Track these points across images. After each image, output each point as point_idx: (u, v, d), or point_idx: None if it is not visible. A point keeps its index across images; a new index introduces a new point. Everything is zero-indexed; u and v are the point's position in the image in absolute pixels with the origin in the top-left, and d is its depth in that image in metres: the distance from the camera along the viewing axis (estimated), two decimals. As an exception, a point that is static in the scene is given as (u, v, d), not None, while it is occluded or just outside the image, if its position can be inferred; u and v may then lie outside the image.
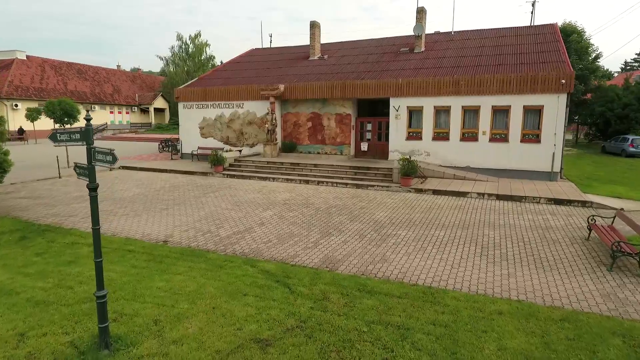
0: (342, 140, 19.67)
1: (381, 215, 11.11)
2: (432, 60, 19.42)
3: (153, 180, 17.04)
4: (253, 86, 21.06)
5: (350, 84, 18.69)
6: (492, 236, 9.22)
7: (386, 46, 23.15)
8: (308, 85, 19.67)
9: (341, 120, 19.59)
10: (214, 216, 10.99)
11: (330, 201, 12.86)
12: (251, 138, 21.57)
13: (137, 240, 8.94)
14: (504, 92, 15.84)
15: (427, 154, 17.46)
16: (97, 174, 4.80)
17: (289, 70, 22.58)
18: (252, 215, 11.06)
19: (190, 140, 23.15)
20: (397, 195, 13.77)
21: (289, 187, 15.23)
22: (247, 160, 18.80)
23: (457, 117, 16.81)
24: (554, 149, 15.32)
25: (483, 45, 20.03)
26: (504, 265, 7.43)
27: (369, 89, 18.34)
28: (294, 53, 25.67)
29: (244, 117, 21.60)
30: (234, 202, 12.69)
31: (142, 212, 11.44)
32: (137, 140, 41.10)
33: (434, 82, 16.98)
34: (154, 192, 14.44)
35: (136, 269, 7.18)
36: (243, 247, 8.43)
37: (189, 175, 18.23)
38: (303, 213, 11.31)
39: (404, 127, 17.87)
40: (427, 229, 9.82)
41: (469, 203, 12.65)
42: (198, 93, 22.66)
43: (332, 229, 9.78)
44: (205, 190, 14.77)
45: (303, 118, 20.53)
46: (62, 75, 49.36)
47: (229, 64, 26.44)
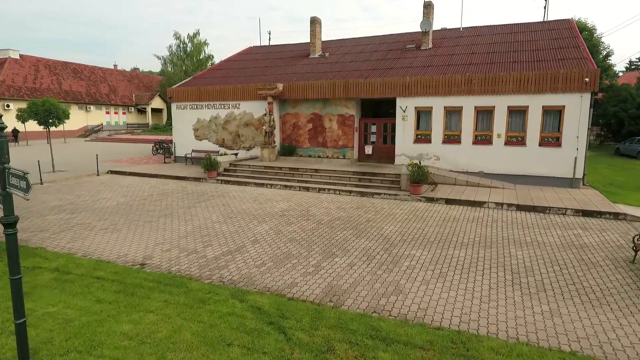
0: (345, 143, 18.43)
1: (390, 229, 9.88)
2: (441, 58, 18.18)
3: (141, 186, 15.82)
4: (250, 85, 19.84)
5: (354, 83, 17.46)
6: (521, 257, 7.99)
7: (391, 43, 21.92)
8: (308, 85, 18.44)
9: (344, 122, 18.35)
10: (203, 231, 9.77)
11: (332, 212, 11.63)
12: (248, 140, 20.35)
13: (110, 263, 7.72)
14: (521, 91, 14.60)
15: (437, 158, 16.22)
16: (82, 178, 3.55)
17: (289, 69, 21.36)
18: (245, 230, 9.83)
19: (184, 143, 21.93)
20: (406, 204, 12.53)
21: (288, 195, 14.00)
22: (243, 165, 17.58)
23: (469, 119, 15.57)
24: (576, 154, 14.08)
25: (495, 41, 18.78)
26: (543, 298, 6.20)
27: (373, 88, 17.11)
28: (294, 51, 24.45)
29: (241, 118, 20.38)
30: (227, 214, 11.46)
31: (122, 226, 10.21)
32: (132, 141, 39.91)
33: (444, 81, 15.74)
34: (139, 201, 13.22)
35: (101, 305, 5.95)
36: (232, 273, 7.20)
37: (180, 181, 17.00)
38: (303, 227, 10.08)
39: (411, 129, 16.63)
40: (444, 247, 8.59)
41: (486, 214, 11.41)
42: (192, 93, 21.44)
43: (335, 247, 8.56)
44: (196, 198, 13.55)
45: (303, 119, 19.30)
46: (57, 75, 48.18)
47: (225, 63, 25.22)
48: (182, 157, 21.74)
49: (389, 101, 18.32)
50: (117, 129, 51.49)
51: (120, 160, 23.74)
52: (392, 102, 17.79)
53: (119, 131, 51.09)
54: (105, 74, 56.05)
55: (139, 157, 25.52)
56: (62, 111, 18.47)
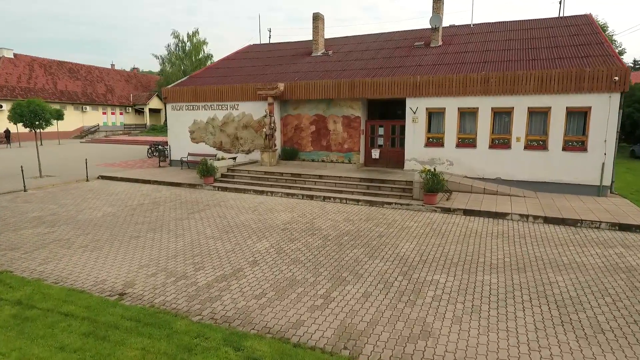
0: (351, 147, 17.31)
1: (406, 247, 8.76)
2: (453, 55, 17.06)
3: (132, 194, 14.70)
4: (249, 85, 18.73)
5: (360, 83, 16.33)
6: (563, 284, 6.86)
7: (398, 40, 20.79)
8: (311, 84, 17.32)
9: (349, 124, 17.23)
10: (195, 249, 8.65)
11: (340, 225, 10.51)
12: (247, 143, 19.23)
13: (85, 292, 6.60)
14: (543, 91, 13.47)
15: (450, 163, 15.10)
16: (70, 185, 2.44)
17: (290, 68, 20.23)
18: (243, 248, 8.72)
19: (179, 145, 20.81)
20: (420, 216, 11.41)
21: (290, 204, 12.89)
22: (242, 170, 16.46)
23: (485, 121, 14.45)
24: (603, 159, 12.96)
25: (510, 38, 17.65)
26: (604, 343, 5.08)
27: (381, 88, 15.98)
28: (295, 49, 23.32)
29: (239, 120, 19.26)
30: (223, 227, 10.34)
31: (105, 243, 9.10)
32: (128, 143, 38.80)
33: (458, 80, 14.62)
34: (128, 211, 12.10)
35: (63, 354, 4.84)
36: (226, 307, 6.08)
37: (174, 188, 15.87)
38: (307, 244, 8.96)
39: (422, 131, 15.51)
40: (471, 270, 7.46)
41: (511, 228, 10.28)
42: (188, 93, 20.32)
43: (346, 270, 7.44)
44: (190, 208, 12.43)
45: (305, 121, 18.18)
46: (52, 75, 47.09)
47: (223, 61, 24.09)
48: (177, 160, 20.62)
49: (397, 102, 17.21)
50: (113, 130, 50.40)
51: (113, 164, 22.63)
52: (400, 103, 16.67)
53: (115, 132, 50.00)
54: (102, 74, 54.94)
55: (134, 161, 24.41)
56: (49, 112, 17.36)
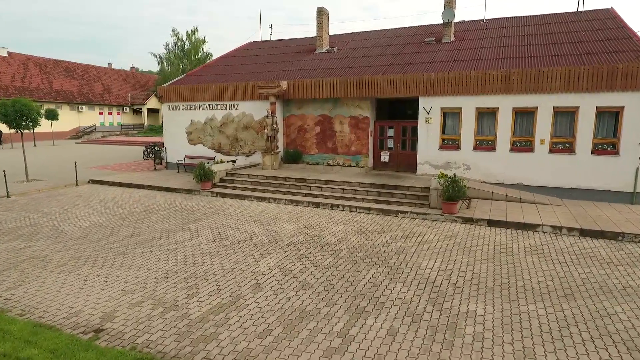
0: (358, 149, 16.20)
1: (430, 266, 7.66)
2: (467, 52, 15.95)
3: (123, 200, 13.60)
4: (250, 83, 17.63)
5: (369, 80, 15.23)
6: (624, 317, 5.75)
7: (406, 36, 19.70)
8: (316, 82, 16.22)
9: (357, 125, 16.12)
10: (188, 269, 7.55)
11: (352, 238, 9.40)
12: (247, 145, 18.12)
13: (54, 327, 5.50)
14: (570, 89, 12.38)
15: (467, 167, 14.00)
16: (58, 190, 1.32)
17: (293, 65, 19.13)
18: (243, 268, 7.61)
19: (176, 147, 19.71)
20: (440, 227, 10.31)
21: (295, 213, 11.78)
22: (242, 174, 15.35)
23: (506, 122, 13.35)
24: (637, 163, 11.86)
25: (527, 33, 16.55)
26: None
27: (392, 86, 14.88)
28: (298, 46, 22.23)
29: (239, 121, 18.16)
30: (221, 241, 9.24)
31: (86, 261, 7.99)
32: (125, 143, 37.68)
33: (477, 77, 13.52)
34: (117, 220, 10.99)
35: None
36: (223, 349, 4.98)
37: (169, 194, 14.76)
38: (317, 262, 7.86)
39: (436, 133, 14.41)
40: (511, 298, 6.36)
41: (544, 242, 9.18)
42: (185, 92, 19.22)
43: (365, 298, 6.34)
44: (186, 217, 11.33)
45: (310, 122, 17.08)
46: (48, 74, 45.99)
47: (223, 59, 22.99)
48: (174, 163, 19.50)
49: (408, 101, 16.14)
50: (110, 130, 49.28)
51: (107, 167, 21.52)
52: (411, 102, 15.60)
53: (112, 132, 48.88)
54: (100, 73, 53.83)
55: (129, 163, 23.30)
56: (36, 112, 16.26)
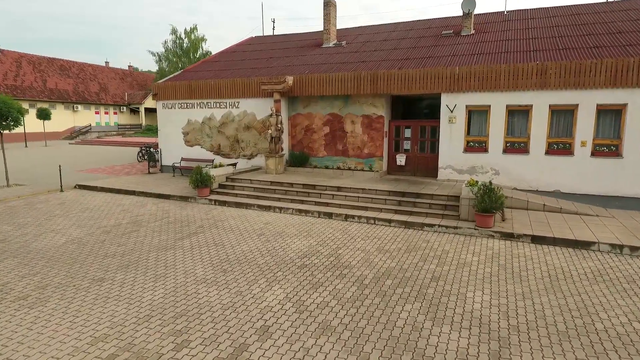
0: (372, 152, 14.70)
1: (479, 300, 6.17)
2: (492, 44, 14.47)
3: (110, 209, 12.10)
4: (252, 80, 16.14)
5: (385, 76, 13.73)
6: None
7: (420, 29, 18.23)
8: (325, 78, 14.73)
9: (370, 125, 14.63)
10: (178, 304, 6.05)
11: (375, 259, 7.91)
12: (249, 147, 16.62)
13: (-12, 402, 4.02)
14: (617, 84, 10.90)
15: (495, 172, 12.51)
16: (39, 196, 0.32)
17: (298, 60, 17.65)
18: (246, 301, 6.12)
19: (171, 149, 18.20)
20: (476, 244, 8.81)
21: (305, 225, 10.29)
22: (244, 179, 13.85)
23: (541, 121, 11.87)
24: (697, 169, 10.38)
25: (557, 24, 15.08)
26: None
27: (411, 82, 13.39)
28: (303, 40, 20.75)
29: (240, 120, 16.66)
30: (219, 262, 7.75)
31: (53, 292, 6.50)
32: (120, 144, 36.19)
33: (507, 71, 12.04)
34: (100, 235, 9.50)
35: None
36: None
37: (162, 202, 13.27)
38: (337, 294, 6.37)
39: (460, 134, 12.92)
40: (597, 349, 4.87)
41: (607, 265, 7.68)
42: (181, 89, 17.72)
43: (406, 350, 4.84)
44: (179, 231, 9.83)
45: (318, 121, 15.58)
46: (41, 72, 44.51)
47: (222, 54, 21.50)
48: (169, 166, 18.00)
49: (427, 98, 14.67)
50: (107, 130, 47.80)
51: (98, 169, 20.04)
52: (430, 100, 14.14)
53: (109, 133, 47.40)
54: (96, 72, 52.37)
55: (122, 165, 21.80)
56: (17, 111, 14.78)
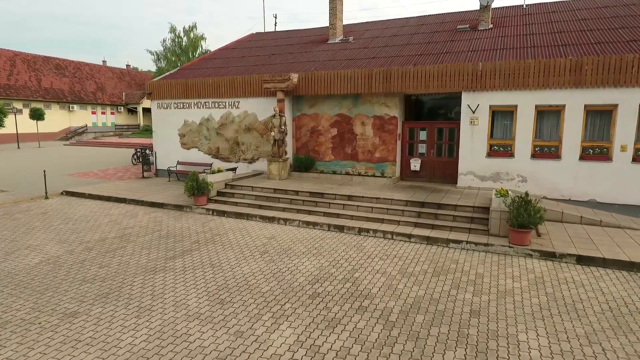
0: (384, 156, 13.52)
1: (535, 344, 4.99)
2: (514, 39, 13.30)
3: (97, 220, 10.93)
4: (254, 77, 14.96)
5: (399, 73, 12.56)
6: None
7: (432, 24, 17.05)
8: (333, 75, 13.56)
9: (382, 126, 13.45)
10: (165, 349, 4.86)
11: (399, 285, 6.72)
12: (250, 150, 15.45)
13: None
14: (663, 81, 9.73)
15: (522, 179, 11.35)
16: (21, 204, 0.35)
17: (303, 57, 16.48)
18: (248, 346, 4.94)
19: (166, 152, 17.03)
20: (513, 265, 7.63)
21: (314, 241, 9.11)
22: (245, 186, 12.68)
23: (575, 123, 10.71)
24: None
25: (584, 17, 13.91)
26: None
27: (428, 79, 12.22)
28: (307, 36, 19.58)
29: (240, 121, 15.49)
30: (216, 290, 6.56)
31: (13, 331, 5.33)
32: (117, 145, 35.02)
33: (538, 67, 10.86)
34: (80, 253, 8.32)
35: None
36: None
37: (155, 211, 12.09)
38: (360, 336, 5.19)
39: (483, 137, 11.76)
40: None
41: (673, 293, 6.51)
42: (177, 87, 16.54)
43: None
44: (172, 248, 8.66)
45: (325, 122, 14.41)
46: (36, 71, 43.33)
47: (221, 51, 20.33)
48: (165, 170, 16.81)
49: (443, 98, 13.50)
50: (103, 131, 46.61)
51: (89, 173, 18.86)
52: (446, 100, 12.98)
53: (105, 133, 46.21)
54: (93, 71, 51.17)
55: (115, 169, 20.63)
56: None
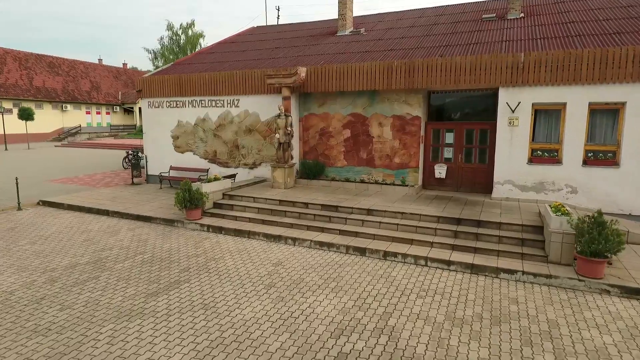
0: (405, 161, 11.85)
1: None
2: (553, 27, 11.64)
3: (71, 237, 9.25)
4: (255, 72, 13.30)
5: (423, 65, 10.87)
6: None
7: (452, 14, 15.39)
8: (346, 69, 11.88)
9: (402, 127, 11.79)
10: None
11: (452, 342, 5.04)
12: (251, 154, 13.77)
13: None
14: None
15: (571, 190, 9.68)
16: None
17: (310, 50, 14.81)
18: None
19: (158, 156, 15.34)
20: (591, 307, 5.95)
21: (331, 268, 7.43)
22: (245, 196, 10.99)
23: (637, 123, 9.04)
24: None
25: (629, 4, 12.24)
26: None
27: (458, 73, 10.53)
28: (314, 29, 17.91)
29: (240, 122, 13.82)
30: (208, 347, 4.86)
31: None
32: (111, 146, 33.34)
33: (593, 57, 9.19)
34: (40, 286, 6.64)
35: None
36: None
37: (141, 226, 10.40)
38: None
39: (524, 140, 10.08)
40: None
41: None
42: (170, 83, 14.87)
43: None
44: (155, 279, 6.98)
45: (337, 123, 12.74)
46: (28, 69, 41.66)
47: (220, 45, 18.66)
48: (156, 176, 15.12)
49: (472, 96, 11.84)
50: (98, 132, 44.94)
51: (74, 179, 17.19)
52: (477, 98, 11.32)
53: (100, 134, 44.52)
54: (88, 69, 49.49)
55: (103, 173, 18.95)
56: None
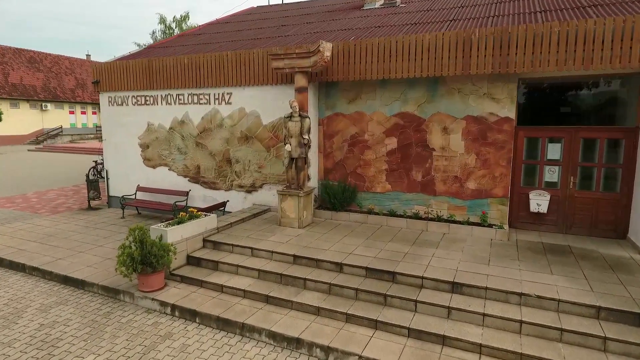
0: (485, 187, 7.75)
1: None
2: None
3: None
4: (255, 53, 9.19)
5: (524, 36, 6.78)
6: None
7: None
8: (396, 44, 7.77)
9: (482, 135, 7.70)
10: None
11: None
12: (249, 173, 9.67)
13: None
14: None
15: None
16: None
17: (331, 25, 10.74)
18: None
19: (122, 171, 11.23)
20: None
21: None
22: (238, 246, 6.89)
23: None
24: None
25: None
26: None
27: (590, 47, 6.44)
28: (332, 4, 13.88)
29: (233, 125, 9.71)
30: None
31: None
32: (90, 151, 29.22)
33: None
34: None
35: None
36: None
37: (64, 299, 6.29)
38: None
39: None
40: None
41: None
42: (137, 71, 10.72)
43: None
44: None
45: (375, 127, 8.63)
46: (4, 64, 37.60)
47: (209, 26, 14.58)
48: (117, 197, 11.02)
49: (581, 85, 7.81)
50: (82, 133, 40.85)
51: (18, 198, 13.13)
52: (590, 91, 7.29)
53: (84, 136, 40.43)
54: (74, 65, 45.38)
55: (59, 189, 14.86)
56: None
